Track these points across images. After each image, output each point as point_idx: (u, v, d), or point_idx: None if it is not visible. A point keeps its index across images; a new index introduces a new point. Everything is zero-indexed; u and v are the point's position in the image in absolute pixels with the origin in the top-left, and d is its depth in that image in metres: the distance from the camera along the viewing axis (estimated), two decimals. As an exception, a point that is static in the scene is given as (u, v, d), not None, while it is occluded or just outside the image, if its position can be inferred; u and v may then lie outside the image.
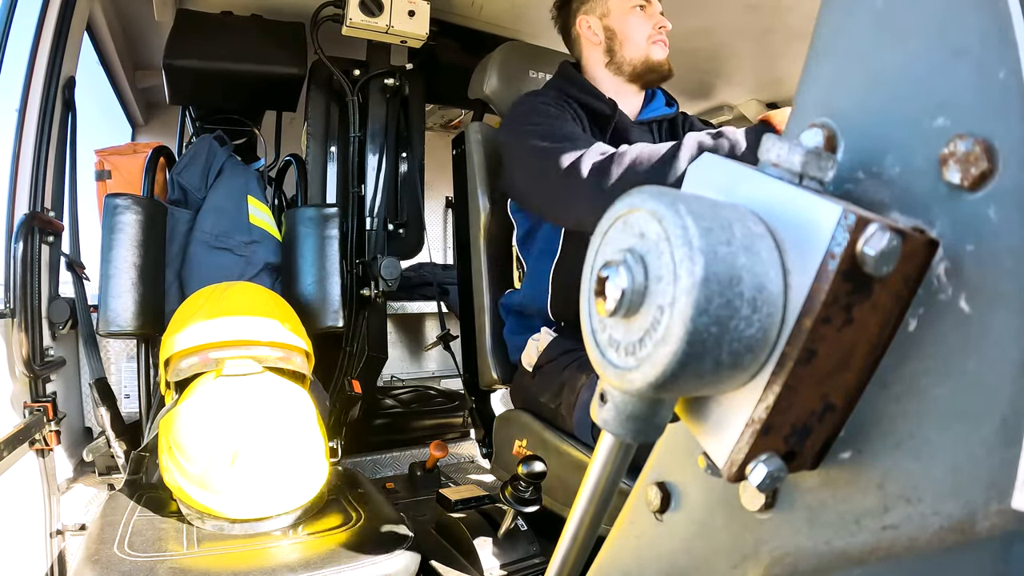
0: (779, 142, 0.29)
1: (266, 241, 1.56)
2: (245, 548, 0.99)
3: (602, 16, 1.33)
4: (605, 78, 1.35)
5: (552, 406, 1.21)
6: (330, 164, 1.87)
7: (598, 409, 0.32)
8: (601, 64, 1.35)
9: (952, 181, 0.26)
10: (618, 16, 1.32)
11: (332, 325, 1.49)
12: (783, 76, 2.14)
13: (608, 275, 0.29)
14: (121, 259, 1.32)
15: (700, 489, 0.37)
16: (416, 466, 1.84)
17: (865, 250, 0.25)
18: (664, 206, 0.27)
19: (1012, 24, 0.25)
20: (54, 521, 1.40)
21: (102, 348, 1.66)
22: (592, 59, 1.36)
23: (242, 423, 1.04)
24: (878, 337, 0.28)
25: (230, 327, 1.17)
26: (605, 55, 1.34)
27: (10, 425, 1.25)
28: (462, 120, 2.81)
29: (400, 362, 2.60)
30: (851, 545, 0.29)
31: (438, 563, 1.16)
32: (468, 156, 1.50)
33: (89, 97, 2.02)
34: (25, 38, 1.43)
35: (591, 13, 1.34)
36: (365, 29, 1.60)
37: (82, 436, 1.66)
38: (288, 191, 1.94)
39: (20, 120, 1.41)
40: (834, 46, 0.33)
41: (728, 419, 0.30)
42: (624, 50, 1.32)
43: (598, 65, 1.36)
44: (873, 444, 0.28)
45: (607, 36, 1.33)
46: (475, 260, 1.48)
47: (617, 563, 0.44)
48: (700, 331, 0.25)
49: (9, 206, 1.40)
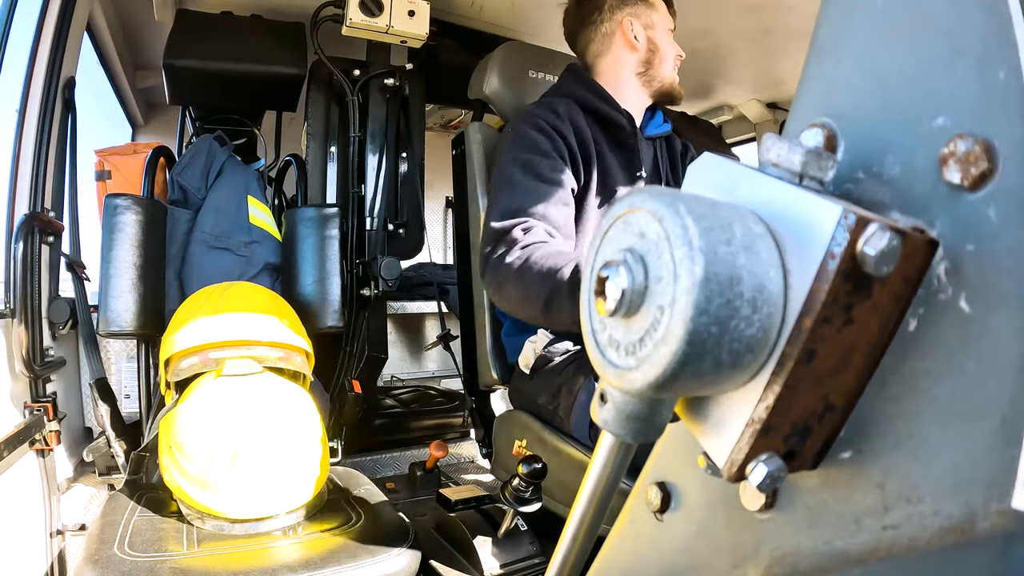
0: (779, 142, 0.29)
1: (266, 241, 1.56)
2: (245, 548, 0.99)
3: (647, 27, 1.30)
4: (629, 86, 1.32)
5: (550, 407, 1.21)
6: (330, 164, 1.87)
7: (598, 409, 0.32)
8: (632, 71, 1.32)
9: (952, 181, 0.26)
10: (661, 32, 1.31)
11: (332, 325, 1.49)
12: (783, 76, 2.14)
13: (608, 275, 0.29)
14: (121, 259, 1.32)
15: (700, 489, 0.37)
16: (416, 466, 1.84)
17: (865, 250, 0.25)
18: (664, 206, 0.27)
19: (1012, 24, 0.25)
20: (54, 521, 1.40)
21: (102, 348, 1.66)
22: (624, 63, 1.32)
23: (242, 423, 1.04)
24: (878, 337, 0.28)
25: (230, 327, 1.17)
26: (641, 64, 1.31)
27: (10, 425, 1.25)
28: (462, 120, 2.81)
29: (400, 362, 2.60)
30: (851, 545, 0.28)
31: (438, 563, 1.16)
32: (468, 156, 1.50)
33: (89, 97, 2.03)
34: (25, 38, 1.43)
35: (637, 18, 1.30)
36: (365, 29, 1.60)
37: (82, 436, 1.66)
38: (288, 191, 1.94)
39: (20, 120, 1.41)
40: (834, 46, 0.33)
41: (728, 419, 0.30)
42: (661, 66, 1.31)
43: (627, 71, 1.32)
44: (873, 444, 0.28)
45: (649, 47, 1.30)
46: (475, 260, 1.48)
47: (617, 563, 0.44)
48: (700, 331, 0.25)
49: (9, 206, 1.40)
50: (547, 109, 1.26)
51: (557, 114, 1.25)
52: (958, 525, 0.25)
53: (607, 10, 1.32)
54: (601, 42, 1.33)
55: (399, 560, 0.97)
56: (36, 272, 1.36)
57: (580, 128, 1.26)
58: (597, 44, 1.34)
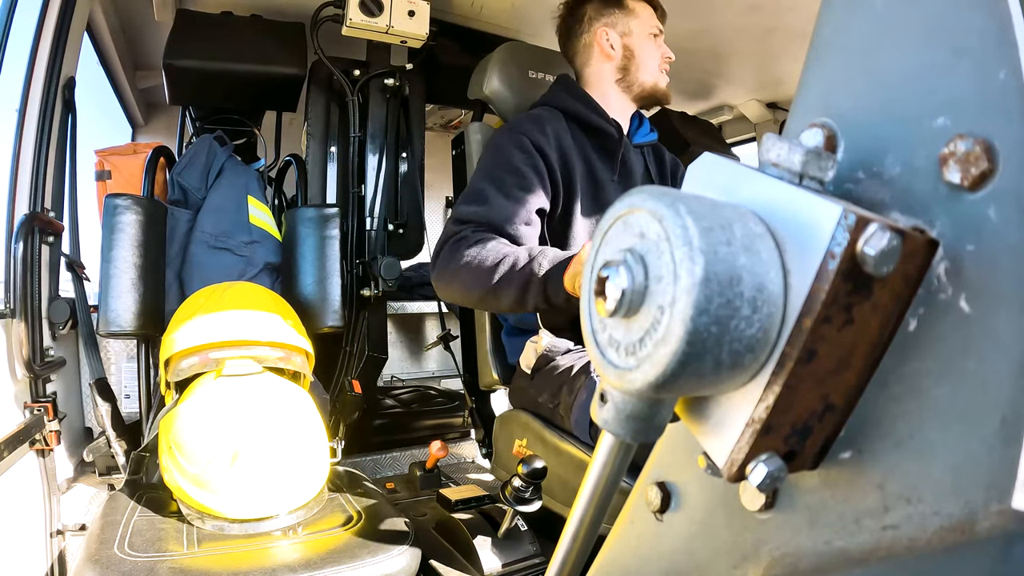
0: (779, 142, 0.29)
1: (266, 241, 1.56)
2: (245, 548, 0.99)
3: (623, 34, 1.33)
4: (611, 94, 1.35)
5: (551, 406, 1.22)
6: (330, 164, 1.87)
7: (598, 409, 0.32)
8: (611, 79, 1.35)
9: (952, 181, 0.26)
10: (639, 38, 1.33)
11: (332, 325, 1.49)
12: (783, 76, 2.14)
13: (608, 275, 0.29)
14: (121, 259, 1.32)
15: (700, 489, 0.37)
16: (416, 466, 1.83)
17: (865, 250, 0.25)
18: (664, 206, 0.27)
19: (1012, 24, 0.25)
20: (54, 521, 1.40)
21: (102, 348, 1.66)
22: (602, 72, 1.35)
23: (242, 423, 1.04)
24: (878, 337, 0.28)
25: (230, 327, 1.17)
26: (618, 72, 1.34)
27: (10, 425, 1.25)
28: (462, 120, 2.81)
29: (400, 362, 2.60)
30: (851, 545, 0.28)
31: (438, 563, 1.16)
32: (468, 156, 1.50)
33: (89, 97, 2.02)
34: (25, 38, 1.43)
35: (613, 27, 1.33)
36: (365, 29, 1.60)
37: (82, 436, 1.66)
38: (288, 191, 1.94)
39: (20, 120, 1.41)
40: (834, 46, 0.33)
41: (728, 419, 0.30)
42: (639, 72, 1.33)
43: (607, 80, 1.35)
44: (873, 444, 0.28)
45: (624, 54, 1.33)
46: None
47: (617, 563, 0.44)
48: (700, 331, 0.25)
49: (9, 206, 1.40)
50: (534, 124, 1.27)
51: (543, 131, 1.26)
52: (958, 525, 0.25)
53: (586, 22, 1.35)
54: (583, 53, 1.37)
55: (399, 560, 0.97)
56: (36, 272, 1.36)
57: (563, 144, 1.28)
58: (581, 55, 1.38)
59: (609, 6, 1.33)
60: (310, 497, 1.08)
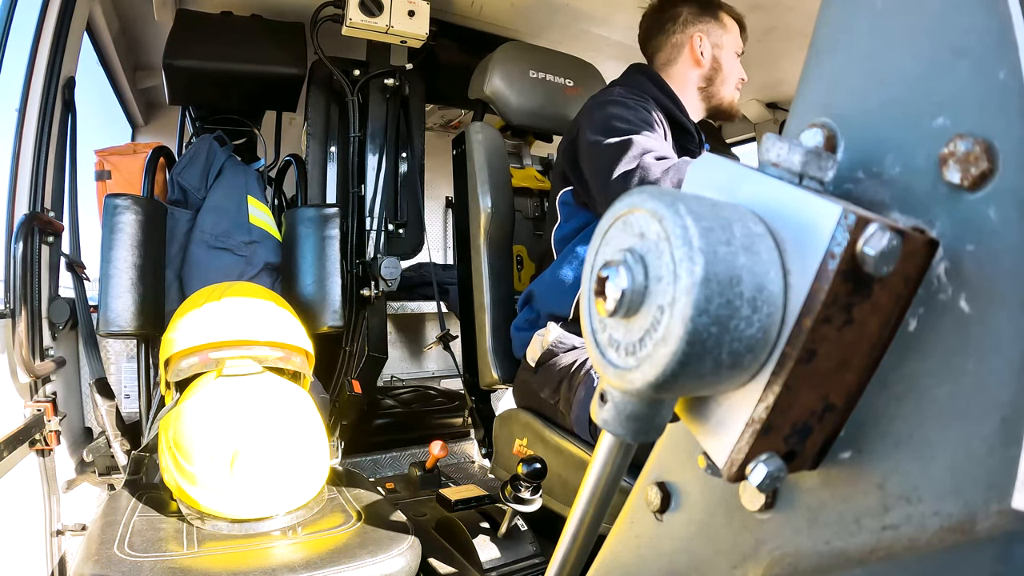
0: (779, 142, 0.29)
1: (266, 241, 1.56)
2: (245, 548, 0.99)
3: (715, 45, 1.35)
4: (690, 98, 1.36)
5: (552, 402, 1.22)
6: (330, 164, 1.87)
7: (598, 409, 0.32)
8: (694, 85, 1.36)
9: (952, 181, 0.26)
10: (727, 52, 1.35)
11: (332, 325, 1.49)
12: (783, 76, 2.14)
13: (608, 275, 0.29)
14: (121, 259, 1.32)
15: (700, 489, 0.37)
16: (416, 466, 1.84)
17: (865, 250, 0.25)
18: (664, 206, 0.27)
19: (1012, 24, 0.25)
20: (54, 521, 1.40)
21: (102, 348, 1.66)
22: (687, 76, 1.36)
23: (242, 423, 1.04)
24: (878, 337, 0.28)
25: (230, 327, 1.17)
26: (703, 80, 1.36)
27: (10, 425, 1.25)
28: (462, 120, 2.81)
29: (400, 362, 2.60)
30: (851, 545, 0.28)
31: (438, 563, 1.16)
32: (468, 156, 1.50)
33: (89, 97, 2.02)
34: (25, 38, 1.43)
35: (707, 35, 1.34)
36: (365, 29, 1.60)
37: (82, 436, 1.66)
38: (288, 191, 1.94)
39: (20, 120, 1.41)
40: (834, 46, 0.33)
41: (728, 419, 0.30)
42: (722, 86, 1.36)
43: (690, 84, 1.36)
44: (873, 444, 0.28)
45: (713, 65, 1.34)
46: (475, 260, 1.48)
47: (617, 563, 0.44)
48: (700, 331, 0.25)
49: (9, 206, 1.40)
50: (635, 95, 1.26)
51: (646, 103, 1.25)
52: (958, 525, 0.25)
53: (681, 22, 1.36)
54: (670, 51, 1.37)
55: (399, 560, 0.97)
56: (36, 272, 1.36)
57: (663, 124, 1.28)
58: (666, 52, 1.38)
59: (706, 14, 1.35)
60: (310, 497, 1.08)
